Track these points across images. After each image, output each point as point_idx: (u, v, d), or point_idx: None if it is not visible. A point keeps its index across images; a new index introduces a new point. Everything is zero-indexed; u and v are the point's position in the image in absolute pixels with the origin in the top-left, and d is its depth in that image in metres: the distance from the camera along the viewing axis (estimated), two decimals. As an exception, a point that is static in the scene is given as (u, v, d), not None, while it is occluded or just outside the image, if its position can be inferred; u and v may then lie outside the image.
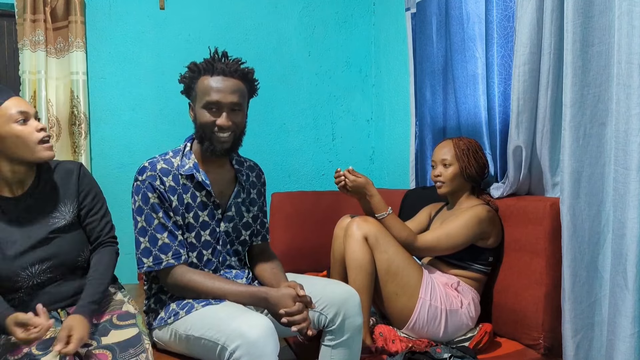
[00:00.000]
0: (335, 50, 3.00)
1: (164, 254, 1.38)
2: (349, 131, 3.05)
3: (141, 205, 1.39)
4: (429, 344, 1.65)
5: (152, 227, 1.39)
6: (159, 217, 1.39)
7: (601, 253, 1.52)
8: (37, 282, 1.34)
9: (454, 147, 1.84)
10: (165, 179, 1.41)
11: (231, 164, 1.56)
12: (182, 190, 1.43)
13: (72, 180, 1.44)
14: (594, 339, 1.54)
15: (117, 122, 2.62)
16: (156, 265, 1.38)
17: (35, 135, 1.31)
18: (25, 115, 1.30)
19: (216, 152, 1.43)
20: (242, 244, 1.57)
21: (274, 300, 1.31)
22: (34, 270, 1.33)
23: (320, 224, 2.56)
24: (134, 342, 1.26)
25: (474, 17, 2.05)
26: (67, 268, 1.39)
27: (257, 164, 1.67)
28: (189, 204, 1.44)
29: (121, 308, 1.42)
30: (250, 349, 1.18)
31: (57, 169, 1.44)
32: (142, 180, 1.40)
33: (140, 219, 1.40)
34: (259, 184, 1.64)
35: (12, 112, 1.28)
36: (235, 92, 1.41)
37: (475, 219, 1.72)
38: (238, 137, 1.46)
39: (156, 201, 1.39)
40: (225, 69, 1.42)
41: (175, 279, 1.39)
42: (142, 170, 1.42)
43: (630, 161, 1.34)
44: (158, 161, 1.44)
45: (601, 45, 1.47)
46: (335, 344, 1.42)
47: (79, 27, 2.44)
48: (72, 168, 1.45)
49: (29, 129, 1.30)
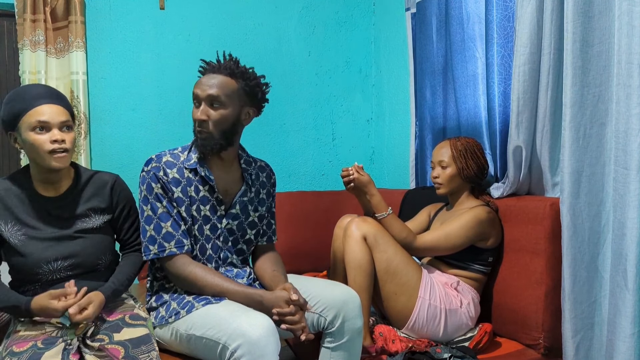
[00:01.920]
0: (335, 50, 3.00)
1: (167, 242, 1.41)
2: (349, 131, 3.05)
3: (146, 195, 1.44)
4: (429, 344, 1.65)
5: (157, 216, 1.42)
6: (163, 206, 1.42)
7: (601, 253, 1.52)
8: (55, 278, 1.40)
9: (451, 148, 1.83)
10: (169, 170, 1.44)
11: (239, 164, 1.56)
12: (186, 182, 1.45)
13: (106, 191, 1.51)
14: (594, 339, 1.54)
15: (117, 122, 2.62)
16: (160, 253, 1.41)
17: (47, 145, 1.35)
18: (45, 124, 1.35)
19: (199, 148, 1.45)
20: (247, 243, 1.58)
21: (268, 303, 1.32)
22: (55, 266, 1.39)
23: (320, 224, 2.56)
24: (145, 340, 1.29)
25: (474, 17, 2.05)
26: (86, 269, 1.45)
27: (268, 164, 1.67)
28: (192, 197, 1.46)
29: (132, 310, 1.46)
30: (252, 348, 1.18)
31: (94, 179, 1.51)
32: (147, 171, 1.45)
33: (146, 208, 1.44)
34: (269, 185, 1.64)
35: (32, 120, 1.34)
36: (214, 86, 1.40)
37: (475, 220, 1.72)
38: (219, 136, 1.43)
39: (160, 191, 1.43)
40: (215, 67, 1.44)
41: (177, 269, 1.40)
42: (148, 162, 1.46)
43: (630, 161, 1.34)
44: (165, 154, 1.48)
45: (601, 45, 1.47)
46: (335, 346, 1.42)
47: (79, 27, 2.44)
48: (107, 180, 1.52)
49: (43, 138, 1.35)
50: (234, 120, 1.45)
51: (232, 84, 1.43)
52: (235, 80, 1.44)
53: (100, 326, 1.34)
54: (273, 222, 1.66)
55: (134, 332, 1.32)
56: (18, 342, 1.26)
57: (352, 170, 1.76)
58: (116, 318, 1.39)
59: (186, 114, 2.68)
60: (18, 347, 1.24)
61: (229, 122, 1.44)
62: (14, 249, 1.37)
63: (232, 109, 1.44)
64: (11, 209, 1.39)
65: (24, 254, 1.37)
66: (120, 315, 1.41)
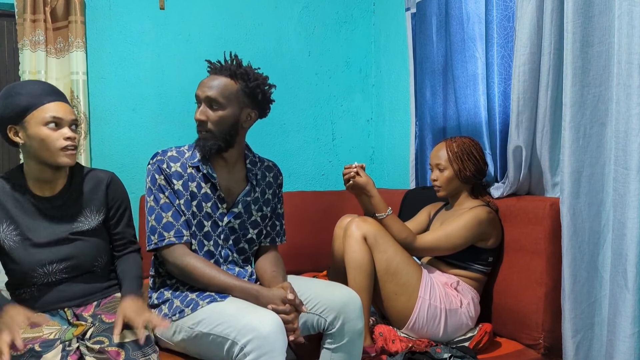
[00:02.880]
0: (335, 50, 3.00)
1: (167, 231, 1.42)
2: (349, 131, 3.05)
3: (150, 186, 1.46)
4: (429, 344, 1.65)
5: (158, 206, 1.44)
6: (166, 197, 1.44)
7: (601, 253, 1.52)
8: (51, 281, 1.39)
9: (447, 151, 1.83)
10: (173, 164, 1.47)
11: (244, 164, 1.56)
12: (189, 177, 1.47)
13: (101, 189, 1.50)
14: (594, 339, 1.54)
15: (117, 122, 2.61)
16: (160, 242, 1.42)
17: (60, 142, 1.35)
18: (59, 121, 1.35)
19: (200, 147, 1.46)
20: (249, 242, 1.58)
21: (264, 299, 1.33)
22: (50, 269, 1.38)
23: (320, 224, 2.55)
24: (146, 342, 1.28)
25: (474, 17, 2.05)
26: (83, 271, 1.44)
27: (276, 165, 1.68)
28: (193, 192, 1.47)
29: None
30: (262, 343, 1.19)
31: (89, 177, 1.50)
32: (152, 163, 1.48)
33: (149, 199, 1.46)
34: (275, 185, 1.64)
35: (46, 116, 1.33)
36: (213, 87, 1.42)
37: (475, 221, 1.72)
38: (218, 137, 1.44)
39: (163, 182, 1.45)
40: (217, 68, 1.44)
41: (175, 259, 1.41)
42: (154, 156, 1.50)
43: (630, 161, 1.34)
44: (170, 150, 1.51)
45: (601, 45, 1.47)
46: (335, 347, 1.42)
47: (79, 27, 2.44)
48: (103, 178, 1.51)
49: (57, 135, 1.35)
50: (233, 121, 1.45)
51: (232, 85, 1.43)
52: (236, 81, 1.44)
53: (99, 328, 1.34)
54: (278, 223, 1.66)
55: (134, 334, 1.30)
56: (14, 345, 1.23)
57: (353, 169, 1.76)
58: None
59: (186, 114, 2.71)
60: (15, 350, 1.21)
61: (228, 124, 1.44)
62: (7, 254, 1.36)
63: (231, 111, 1.44)
64: (6, 208, 1.37)
65: (18, 260, 1.35)
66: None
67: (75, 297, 1.42)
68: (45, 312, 1.39)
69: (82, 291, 1.43)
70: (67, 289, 1.41)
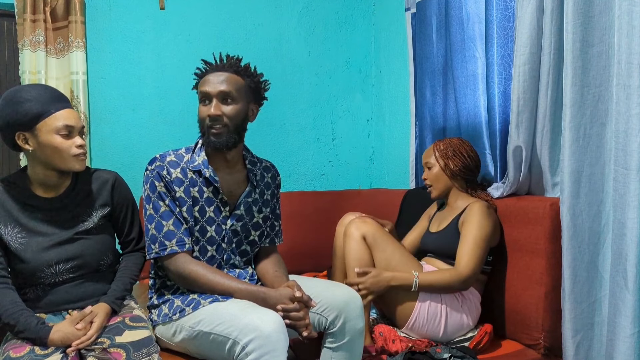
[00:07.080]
0: (335, 50, 3.00)
1: (168, 240, 1.41)
2: (349, 131, 3.05)
3: (149, 194, 1.44)
4: (429, 344, 1.65)
5: (158, 214, 1.42)
6: (166, 205, 1.42)
7: (601, 253, 1.52)
8: (58, 280, 1.39)
9: (433, 149, 1.87)
10: (173, 170, 1.44)
11: (244, 164, 1.56)
12: (190, 183, 1.45)
13: (107, 189, 1.49)
14: (594, 339, 1.54)
15: (117, 122, 2.61)
16: (161, 251, 1.40)
17: (73, 150, 1.36)
18: (70, 129, 1.36)
19: (211, 145, 1.44)
20: (251, 244, 1.58)
21: (271, 300, 1.32)
22: (57, 269, 1.38)
23: (320, 224, 2.55)
24: (147, 342, 1.29)
25: (474, 17, 2.05)
26: (89, 270, 1.44)
27: (273, 165, 1.68)
28: (195, 198, 1.45)
29: (133, 312, 1.45)
30: (264, 343, 1.19)
31: (94, 177, 1.50)
32: (151, 169, 1.45)
33: (149, 206, 1.44)
34: (274, 186, 1.64)
35: (59, 125, 1.33)
36: (224, 82, 1.42)
37: (482, 215, 1.70)
38: (233, 131, 1.44)
39: (163, 190, 1.42)
40: (219, 65, 1.45)
41: (178, 267, 1.40)
42: (152, 161, 1.46)
43: (630, 161, 1.34)
44: (169, 154, 1.48)
45: (601, 45, 1.47)
46: (336, 346, 1.42)
47: (79, 27, 2.44)
48: (107, 178, 1.51)
49: (69, 143, 1.36)
50: (244, 115, 1.47)
51: (239, 80, 1.45)
52: (241, 77, 1.45)
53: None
54: (277, 223, 1.66)
55: (135, 334, 1.31)
56: (15, 346, 1.24)
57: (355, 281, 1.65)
58: (117, 320, 1.38)
59: (186, 114, 2.71)
60: (15, 352, 1.22)
61: (241, 118, 1.46)
62: (14, 254, 1.36)
63: (243, 105, 1.46)
64: (10, 211, 1.37)
65: (25, 260, 1.35)
66: (120, 318, 1.40)
67: (79, 299, 1.41)
68: (48, 312, 1.38)
69: (87, 293, 1.42)
70: (72, 290, 1.41)
